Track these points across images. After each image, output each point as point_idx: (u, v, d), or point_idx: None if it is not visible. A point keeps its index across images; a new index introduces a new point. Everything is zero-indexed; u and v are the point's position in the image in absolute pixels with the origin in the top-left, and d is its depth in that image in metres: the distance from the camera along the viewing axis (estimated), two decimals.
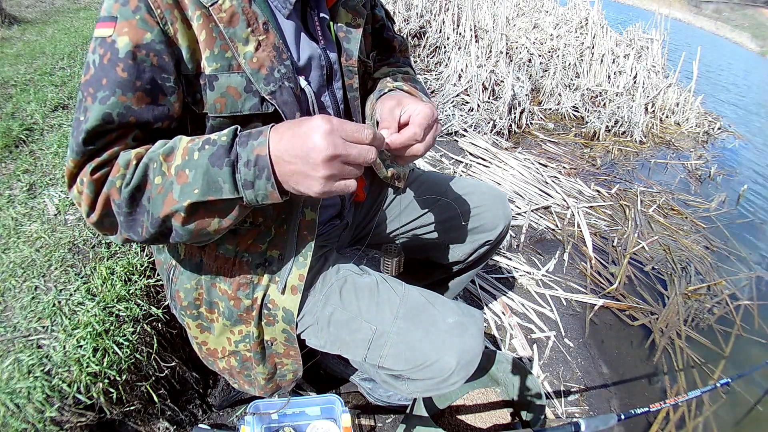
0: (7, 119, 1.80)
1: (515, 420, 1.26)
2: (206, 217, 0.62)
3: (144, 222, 0.63)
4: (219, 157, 0.58)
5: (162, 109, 0.64)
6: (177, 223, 0.61)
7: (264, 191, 0.59)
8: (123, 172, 0.61)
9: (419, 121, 0.68)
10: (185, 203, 0.58)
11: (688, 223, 2.77)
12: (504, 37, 3.86)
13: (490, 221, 1.08)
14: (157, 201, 0.60)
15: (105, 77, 0.60)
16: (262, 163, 0.57)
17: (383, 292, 0.84)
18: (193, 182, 0.58)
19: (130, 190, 0.60)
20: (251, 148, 0.58)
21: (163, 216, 0.60)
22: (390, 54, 1.02)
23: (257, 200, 0.60)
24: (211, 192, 0.58)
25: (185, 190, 0.58)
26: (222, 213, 0.62)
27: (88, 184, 0.61)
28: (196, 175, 0.58)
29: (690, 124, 4.34)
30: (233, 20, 0.63)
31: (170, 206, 0.59)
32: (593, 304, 1.94)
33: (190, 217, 0.61)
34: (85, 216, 0.65)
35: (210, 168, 0.58)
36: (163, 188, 0.60)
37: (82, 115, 0.61)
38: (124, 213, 0.62)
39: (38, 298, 1.07)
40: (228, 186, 0.58)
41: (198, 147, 0.59)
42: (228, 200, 0.60)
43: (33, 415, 0.90)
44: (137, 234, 0.64)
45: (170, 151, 0.61)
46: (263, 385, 0.90)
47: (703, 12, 25.92)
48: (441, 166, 2.69)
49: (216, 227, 0.63)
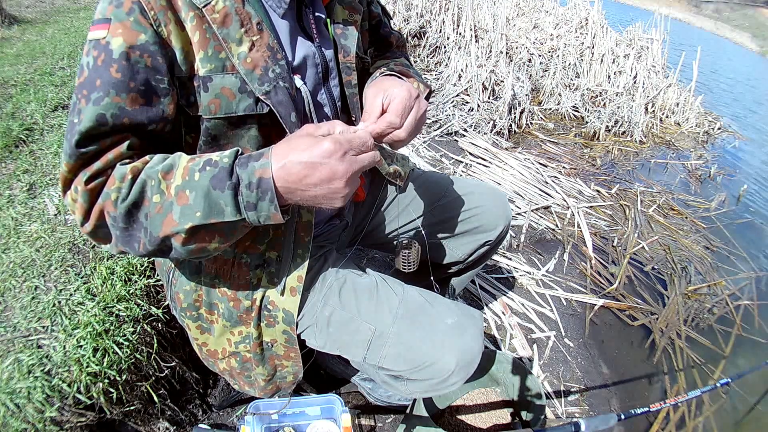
0: (7, 119, 1.80)
1: (515, 420, 1.26)
2: (206, 237, 0.61)
3: (141, 238, 0.61)
4: (221, 180, 0.57)
5: (156, 110, 0.63)
6: (177, 243, 0.61)
7: (267, 213, 0.59)
8: (118, 185, 0.59)
9: (394, 107, 0.69)
10: (186, 226, 0.58)
11: (688, 223, 2.77)
12: (504, 37, 3.86)
13: (490, 221, 1.08)
14: (156, 220, 0.59)
15: (99, 78, 0.59)
16: (264, 185, 0.57)
17: (382, 292, 0.84)
18: (194, 205, 0.58)
19: (127, 206, 0.59)
20: (252, 170, 0.58)
21: (162, 236, 0.60)
22: (388, 50, 1.02)
23: (259, 221, 0.60)
24: (213, 215, 0.58)
25: (186, 212, 0.58)
26: (223, 234, 0.62)
27: (82, 193, 0.60)
28: (197, 197, 0.58)
29: (690, 124, 4.34)
30: (226, 21, 0.63)
31: (170, 227, 0.59)
32: (593, 304, 1.94)
33: (190, 237, 0.60)
34: (78, 225, 0.64)
35: (211, 190, 0.57)
36: (162, 208, 0.59)
37: (75, 118, 0.60)
38: (120, 227, 0.61)
39: (38, 298, 1.08)
40: (230, 209, 0.58)
41: (199, 167, 0.59)
42: (230, 222, 0.60)
43: (33, 415, 0.90)
44: (134, 249, 0.63)
45: (169, 169, 0.60)
46: (263, 386, 0.90)
47: (703, 12, 25.91)
48: (441, 166, 2.69)
49: (216, 246, 0.63)
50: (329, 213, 0.94)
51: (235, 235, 0.63)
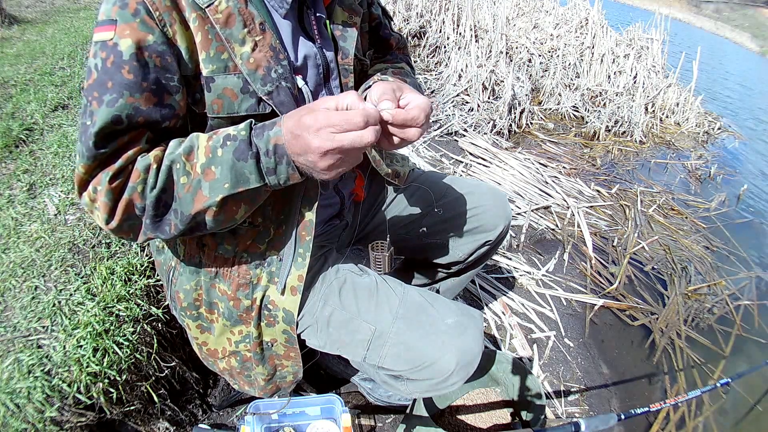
0: (7, 119, 1.80)
1: (515, 420, 1.26)
2: (234, 207, 0.66)
3: (172, 221, 0.65)
4: (243, 152, 0.61)
5: (169, 108, 0.65)
6: (209, 217, 0.65)
7: (285, 174, 0.63)
8: (144, 176, 0.62)
9: (423, 106, 0.67)
10: (218, 198, 0.62)
11: (688, 223, 2.77)
12: (504, 37, 3.86)
13: (490, 221, 1.08)
14: (186, 200, 0.63)
15: (110, 80, 0.60)
16: (280, 151, 0.61)
17: (382, 292, 0.84)
18: (222, 178, 0.62)
19: (157, 193, 0.62)
20: (268, 139, 0.62)
21: (194, 213, 0.63)
22: (387, 52, 1.02)
23: (280, 183, 0.64)
24: (240, 184, 0.62)
25: (215, 186, 0.62)
26: (248, 201, 0.66)
27: (105, 192, 0.62)
28: (224, 170, 0.62)
29: (690, 124, 4.34)
30: (229, 21, 0.64)
31: (202, 203, 0.63)
32: (593, 304, 1.94)
33: (221, 209, 0.64)
34: (102, 223, 0.65)
35: (236, 162, 0.61)
36: (191, 187, 0.63)
37: (88, 120, 0.61)
38: (150, 215, 0.64)
39: (38, 298, 1.07)
40: (254, 176, 0.62)
41: (220, 144, 0.62)
42: (255, 188, 0.64)
43: (33, 415, 0.90)
44: (165, 233, 0.66)
45: (189, 150, 0.63)
46: (263, 385, 0.90)
47: (703, 12, 25.91)
48: (441, 166, 2.69)
49: (243, 213, 0.68)
50: (330, 213, 0.94)
51: (259, 200, 0.68)
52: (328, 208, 0.92)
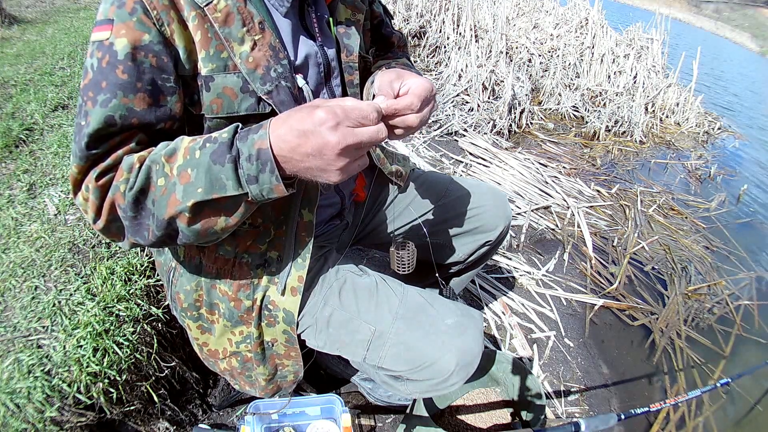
0: (7, 119, 1.80)
1: (515, 420, 1.26)
2: (212, 216, 0.61)
3: (149, 225, 0.62)
4: (221, 154, 0.57)
5: (164, 109, 0.63)
6: (182, 224, 0.60)
7: (269, 185, 0.58)
8: (126, 176, 0.60)
9: (418, 92, 0.66)
10: (189, 203, 0.58)
11: (688, 223, 2.77)
12: (504, 37, 3.85)
13: (490, 221, 1.08)
14: (161, 203, 0.59)
15: (104, 80, 0.59)
16: (264, 156, 0.56)
17: (382, 292, 0.84)
18: (196, 181, 0.57)
19: (134, 194, 0.60)
20: (252, 143, 0.57)
21: (167, 218, 0.60)
22: (389, 50, 1.02)
23: (263, 195, 0.59)
24: (214, 190, 0.58)
25: (188, 190, 0.58)
26: (227, 211, 0.61)
27: (93, 190, 0.61)
28: (199, 173, 0.57)
29: (690, 124, 4.34)
30: (228, 20, 0.63)
31: (174, 207, 0.59)
32: (593, 304, 1.94)
33: (195, 217, 0.60)
34: (91, 223, 0.64)
35: (212, 166, 0.57)
36: (167, 189, 0.59)
37: (83, 120, 0.60)
38: (129, 217, 0.62)
39: (38, 298, 1.07)
40: (231, 183, 0.57)
41: (199, 146, 0.59)
42: (233, 197, 0.59)
43: (33, 415, 0.90)
44: (143, 238, 0.63)
45: (172, 152, 0.60)
46: (264, 386, 0.90)
47: (703, 12, 25.92)
48: (441, 166, 2.69)
49: (223, 226, 0.62)
50: (330, 213, 0.94)
51: (240, 213, 0.62)
52: (328, 208, 0.92)
